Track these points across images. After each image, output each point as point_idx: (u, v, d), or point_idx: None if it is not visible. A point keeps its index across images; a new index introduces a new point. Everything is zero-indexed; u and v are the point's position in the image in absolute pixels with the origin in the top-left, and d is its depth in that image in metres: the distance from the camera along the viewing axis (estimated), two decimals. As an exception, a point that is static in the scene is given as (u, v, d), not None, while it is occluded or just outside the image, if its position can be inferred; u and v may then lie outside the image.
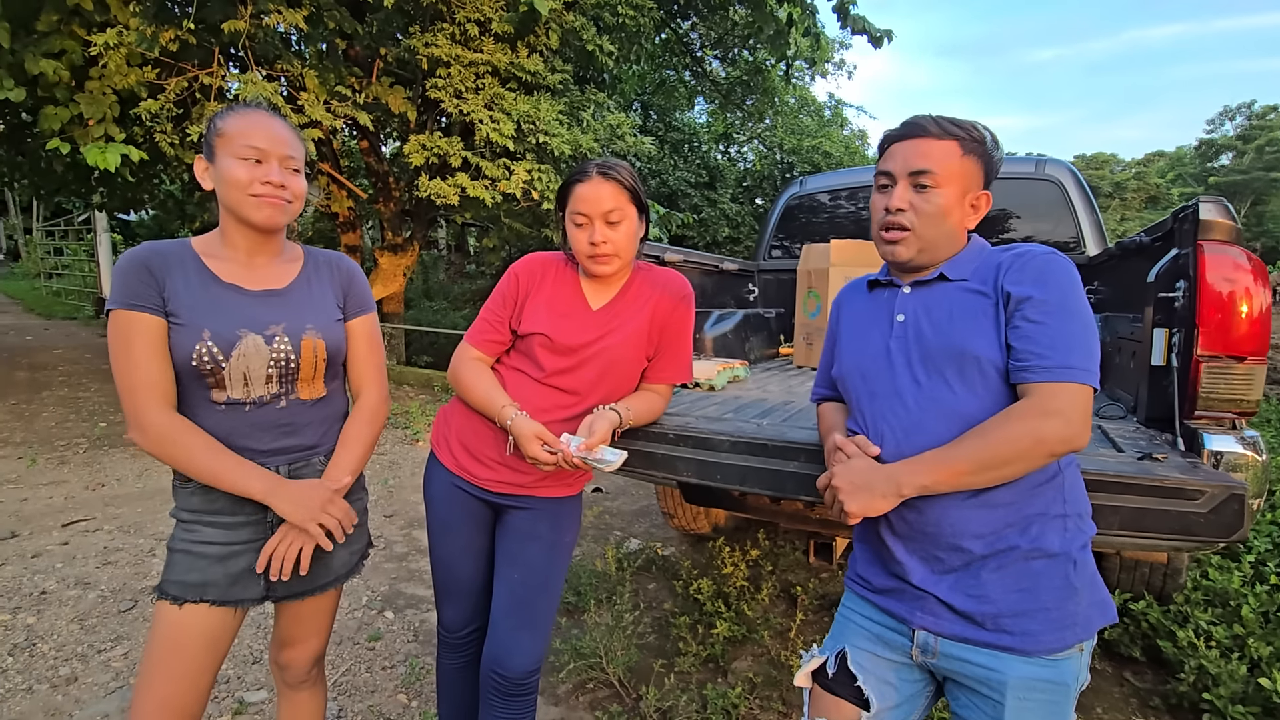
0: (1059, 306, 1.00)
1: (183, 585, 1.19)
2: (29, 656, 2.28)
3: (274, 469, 1.24)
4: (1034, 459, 0.96)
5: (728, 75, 10.89)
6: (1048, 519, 1.02)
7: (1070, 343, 0.98)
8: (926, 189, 1.09)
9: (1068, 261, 1.04)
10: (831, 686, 1.16)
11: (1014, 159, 4.11)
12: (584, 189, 1.38)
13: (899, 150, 1.12)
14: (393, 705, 2.10)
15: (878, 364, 1.14)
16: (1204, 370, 1.48)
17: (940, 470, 0.99)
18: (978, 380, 1.03)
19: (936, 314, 1.10)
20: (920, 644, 1.08)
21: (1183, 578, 2.38)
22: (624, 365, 1.47)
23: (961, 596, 1.03)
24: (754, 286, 3.81)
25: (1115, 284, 2.82)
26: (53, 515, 3.61)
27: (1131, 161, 33.06)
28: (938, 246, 1.11)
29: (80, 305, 12.27)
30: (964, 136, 1.09)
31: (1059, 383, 0.96)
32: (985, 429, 0.99)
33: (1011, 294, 1.03)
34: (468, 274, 14.51)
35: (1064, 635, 1.00)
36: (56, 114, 4.50)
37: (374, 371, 1.40)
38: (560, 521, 1.50)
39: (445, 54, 5.40)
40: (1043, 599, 1.00)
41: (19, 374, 6.75)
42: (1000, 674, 1.01)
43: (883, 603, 1.13)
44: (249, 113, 1.19)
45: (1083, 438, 0.95)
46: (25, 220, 19.33)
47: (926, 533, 1.05)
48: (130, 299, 1.13)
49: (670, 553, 3.34)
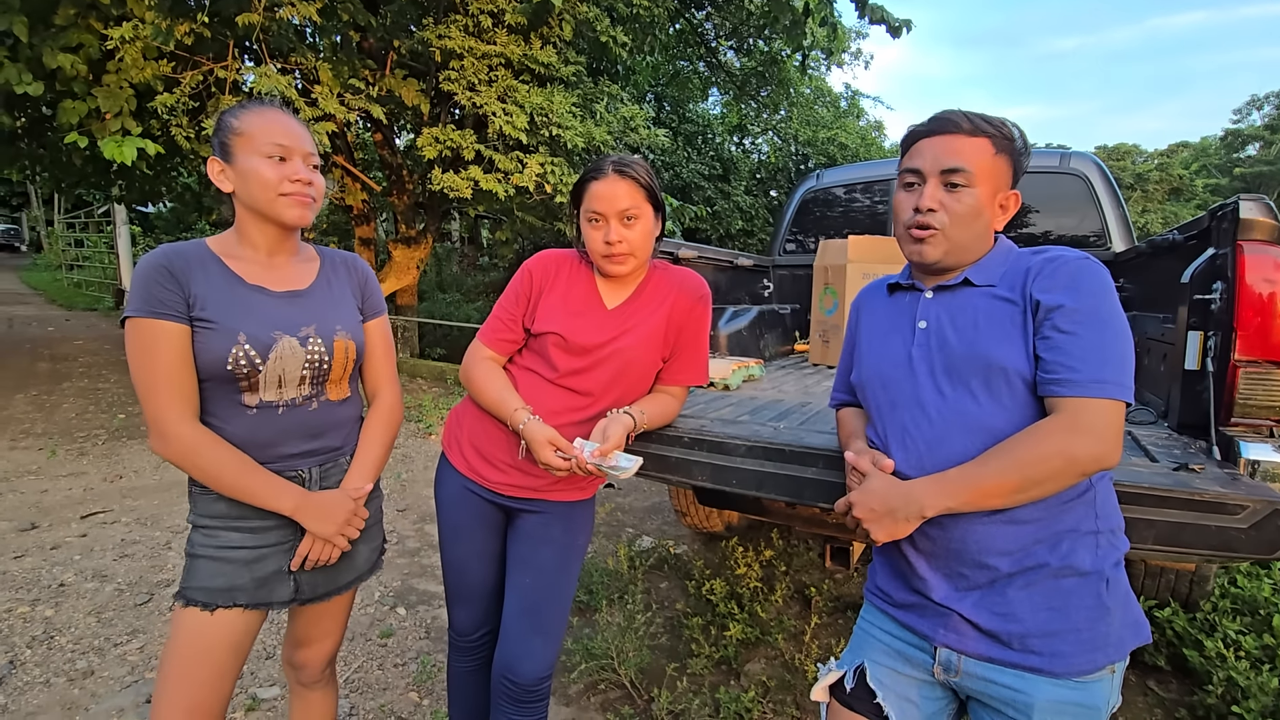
0: (1092, 316, 0.95)
1: (209, 591, 1.17)
2: (47, 649, 2.30)
3: (305, 471, 1.24)
4: (1065, 478, 0.92)
5: (742, 66, 10.76)
6: (1079, 535, 0.97)
7: (1104, 355, 0.93)
8: (959, 188, 1.04)
9: (1102, 268, 0.99)
10: (850, 702, 1.12)
11: (1038, 151, 4.02)
12: (599, 187, 1.35)
13: (928, 147, 1.07)
14: (404, 703, 2.10)
15: (899, 372, 1.09)
16: (1241, 375, 1.42)
17: (966, 491, 0.95)
18: (1005, 392, 0.99)
19: (961, 321, 1.05)
20: (943, 662, 1.04)
21: (1210, 585, 2.32)
22: (639, 366, 1.44)
23: (987, 614, 0.98)
24: (769, 282, 3.76)
25: (1144, 282, 2.74)
26: (72, 507, 3.65)
27: (1154, 152, 32.37)
28: (967, 248, 1.07)
29: (100, 297, 12.44)
30: (996, 134, 1.04)
31: (1091, 398, 0.91)
32: (1012, 447, 0.94)
33: (1041, 302, 0.98)
34: (481, 266, 14.53)
35: (1095, 657, 0.96)
36: (74, 108, 4.53)
37: (389, 372, 1.40)
38: (573, 525, 1.47)
39: (458, 46, 5.37)
40: (1073, 619, 0.96)
41: (41, 365, 6.85)
42: (1027, 696, 0.96)
43: (904, 618, 1.09)
44: (266, 110, 1.18)
45: (1114, 455, 0.91)
46: (47, 212, 19.61)
47: (951, 549, 1.01)
48: (153, 306, 1.10)
49: (683, 551, 3.32)
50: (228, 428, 1.17)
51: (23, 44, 4.16)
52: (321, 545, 1.23)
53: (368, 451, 1.32)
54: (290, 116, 1.20)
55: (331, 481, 1.28)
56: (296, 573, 1.25)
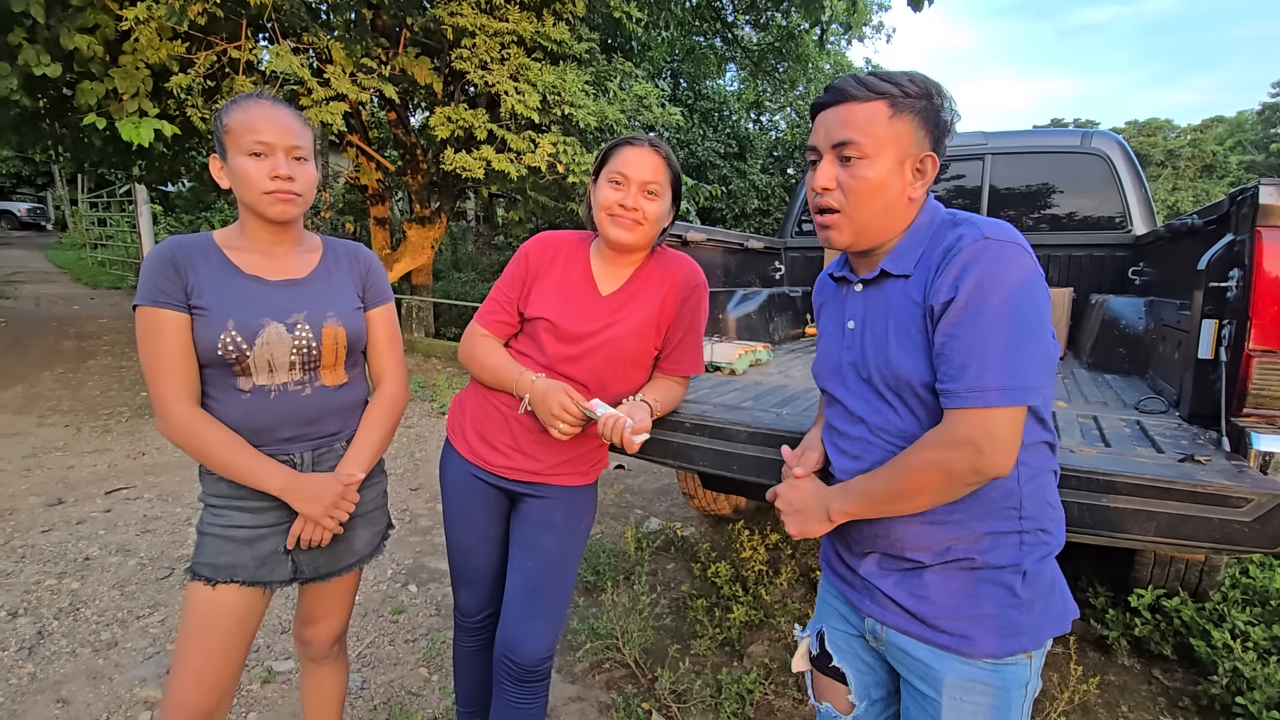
0: (976, 311, 0.86)
1: (214, 567, 1.23)
2: (73, 620, 2.39)
3: (298, 454, 1.27)
4: (949, 490, 0.91)
5: (760, 41, 10.55)
6: (1000, 535, 0.96)
7: (985, 358, 0.85)
8: (852, 161, 0.96)
9: (1005, 244, 0.88)
10: (817, 665, 1.18)
11: (1059, 130, 3.91)
12: (632, 153, 1.35)
13: (822, 120, 0.99)
14: (414, 678, 2.15)
15: (834, 377, 1.09)
16: (1255, 365, 1.39)
17: (863, 501, 0.99)
18: (917, 404, 0.96)
19: (878, 326, 1.00)
20: (870, 630, 1.08)
21: (1221, 575, 2.29)
22: (630, 356, 1.44)
23: (905, 594, 1.01)
24: (780, 264, 3.73)
25: (1162, 266, 2.68)
26: (96, 483, 3.76)
27: (1187, 128, 31.26)
28: (876, 226, 0.99)
29: (124, 275, 12.63)
30: (893, 93, 0.94)
31: (969, 408, 0.87)
32: (898, 460, 0.95)
33: (934, 306, 0.91)
34: (496, 245, 14.54)
35: (1006, 643, 0.96)
36: (92, 89, 4.57)
37: (394, 360, 1.41)
38: (575, 510, 1.49)
39: (470, 23, 5.32)
40: (984, 606, 0.96)
41: (67, 343, 7.00)
42: (937, 671, 0.99)
43: (841, 588, 1.14)
44: (251, 105, 1.18)
45: (1000, 465, 0.87)
46: (71, 192, 19.89)
47: (877, 539, 1.03)
48: (156, 296, 1.16)
49: (690, 533, 3.35)
50: (225, 411, 1.21)
51: (40, 25, 4.19)
52: (312, 526, 1.26)
53: (363, 438, 1.34)
54: (279, 109, 1.20)
55: (325, 466, 1.30)
56: (294, 553, 1.29)
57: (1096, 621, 2.40)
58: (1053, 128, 5.16)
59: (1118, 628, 2.31)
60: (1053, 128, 5.16)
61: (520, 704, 1.43)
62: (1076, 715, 2.02)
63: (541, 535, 1.45)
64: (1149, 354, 2.25)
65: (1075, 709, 2.02)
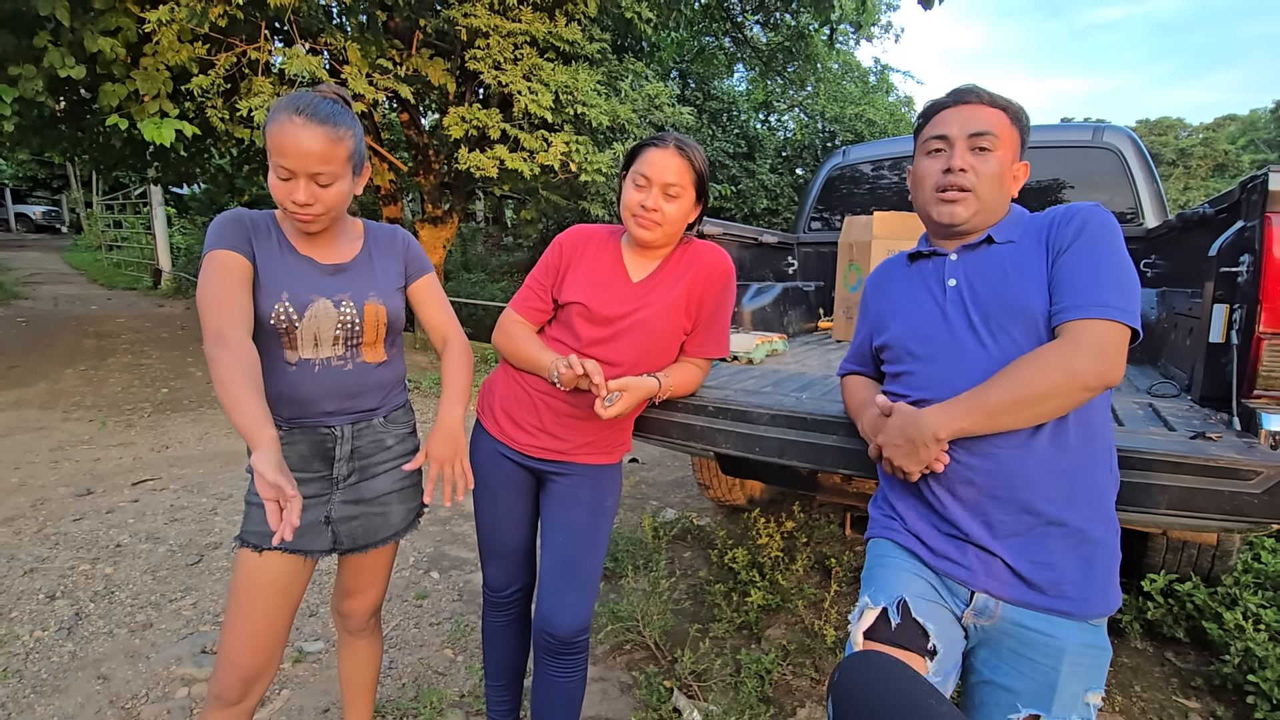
0: (1093, 248, 1.03)
1: (260, 534, 1.28)
2: (109, 603, 2.46)
3: (338, 427, 1.34)
4: (1068, 395, 0.97)
5: (769, 41, 10.59)
6: (1100, 489, 1.05)
7: (1103, 280, 1.00)
8: (986, 151, 1.12)
9: (1109, 214, 1.07)
10: (894, 638, 1.07)
11: (1071, 125, 3.94)
12: (656, 154, 1.41)
13: (953, 115, 1.15)
14: (440, 659, 2.21)
15: (934, 328, 1.15)
16: (1265, 348, 1.43)
17: (975, 411, 1.00)
18: (1045, 334, 1.05)
19: (989, 273, 1.12)
20: (978, 607, 1.06)
21: (1233, 560, 2.32)
22: (660, 337, 1.49)
23: (1027, 562, 1.03)
24: (793, 259, 3.77)
25: (1175, 258, 2.71)
26: (123, 474, 3.84)
27: (1199, 126, 31.03)
28: (993, 209, 1.14)
29: (139, 276, 12.79)
30: (1009, 107, 1.14)
31: (1092, 319, 0.98)
32: (1018, 366, 1.00)
33: (1055, 246, 1.07)
34: (505, 246, 14.63)
35: (1111, 601, 1.04)
36: (114, 90, 4.67)
37: (450, 319, 1.49)
38: (601, 488, 1.54)
39: (484, 24, 5.39)
40: (1098, 567, 1.03)
41: (87, 342, 7.12)
42: (1057, 639, 1.02)
43: (939, 565, 1.10)
44: (284, 122, 1.16)
45: (1116, 373, 0.97)
46: (86, 194, 20.13)
47: (995, 495, 1.04)
48: (230, 243, 1.22)
49: (706, 523, 3.39)
50: (271, 382, 1.27)
51: (65, 28, 4.29)
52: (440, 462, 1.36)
53: (453, 382, 1.42)
54: (307, 128, 1.16)
55: (364, 441, 1.37)
56: (334, 524, 1.35)
57: (1109, 607, 2.43)
58: (1065, 123, 5.17)
59: (1131, 611, 2.34)
60: (1065, 123, 5.17)
61: (559, 677, 1.49)
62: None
63: (570, 510, 1.51)
64: (1161, 342, 2.28)
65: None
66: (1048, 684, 1.02)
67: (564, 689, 1.50)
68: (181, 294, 11.24)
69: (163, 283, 11.84)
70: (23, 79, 4.38)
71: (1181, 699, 2.08)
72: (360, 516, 1.38)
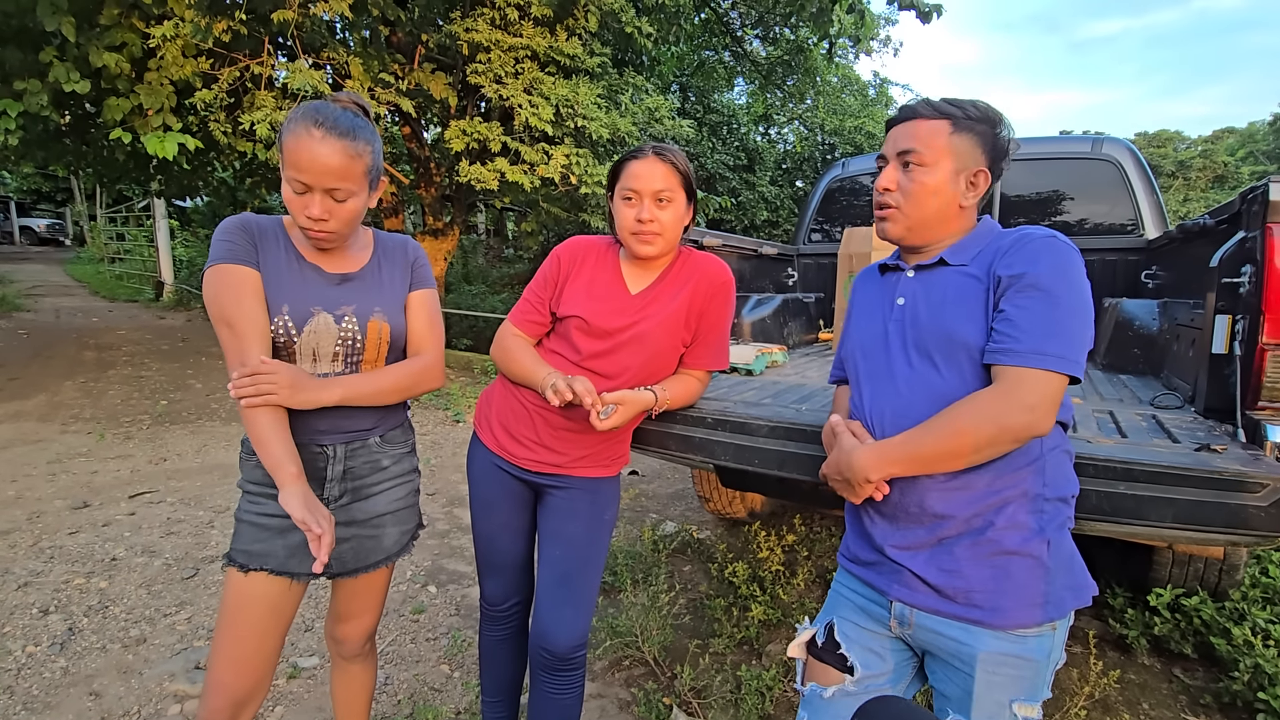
0: (1046, 289, 0.98)
1: (247, 554, 1.25)
2: (102, 618, 2.44)
3: (331, 447, 1.29)
4: (999, 445, 0.97)
5: (768, 55, 10.66)
6: (1025, 500, 1.03)
7: (1049, 328, 0.96)
8: (911, 167, 1.12)
9: (1068, 246, 1.03)
10: (821, 655, 1.22)
11: (1070, 137, 3.94)
12: (638, 166, 1.40)
13: (892, 133, 1.16)
14: (436, 675, 2.18)
15: (876, 345, 1.17)
16: (1269, 359, 1.42)
17: (906, 458, 1.03)
18: (965, 364, 1.05)
19: (933, 297, 1.12)
20: (897, 615, 1.12)
21: (1240, 574, 2.29)
22: (660, 350, 1.48)
23: (935, 571, 1.05)
24: (793, 271, 3.77)
25: (1175, 269, 2.70)
26: (120, 487, 3.82)
27: (1198, 139, 31.12)
28: (927, 225, 1.13)
29: (141, 289, 12.83)
30: (957, 115, 1.10)
31: (1028, 368, 0.96)
32: (950, 414, 1.00)
33: (1001, 277, 1.03)
34: (506, 258, 14.66)
35: (1034, 613, 1.02)
36: (118, 105, 4.70)
37: (434, 337, 1.39)
38: (599, 501, 1.52)
39: (485, 39, 5.44)
40: (1014, 577, 1.02)
41: (87, 354, 7.12)
42: (970, 647, 1.03)
43: (865, 575, 1.17)
44: (301, 133, 1.13)
45: (1046, 425, 0.96)
46: (89, 207, 20.25)
47: (909, 512, 1.08)
48: (238, 256, 1.19)
49: (705, 536, 3.37)
50: None
51: (70, 43, 4.33)
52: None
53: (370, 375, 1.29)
54: (325, 142, 1.12)
55: (358, 461, 1.32)
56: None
57: (1116, 621, 2.40)
58: (1064, 135, 5.20)
59: (1137, 627, 2.31)
60: (1064, 135, 5.20)
61: (556, 694, 1.46)
62: (1098, 713, 2.02)
63: (567, 524, 1.49)
64: (1163, 354, 2.27)
65: (1096, 705, 2.02)
66: (966, 691, 1.04)
67: (561, 706, 1.47)
68: (183, 306, 11.26)
69: (165, 295, 11.87)
70: (28, 93, 4.41)
71: (1190, 716, 2.04)
72: (352, 539, 1.34)
